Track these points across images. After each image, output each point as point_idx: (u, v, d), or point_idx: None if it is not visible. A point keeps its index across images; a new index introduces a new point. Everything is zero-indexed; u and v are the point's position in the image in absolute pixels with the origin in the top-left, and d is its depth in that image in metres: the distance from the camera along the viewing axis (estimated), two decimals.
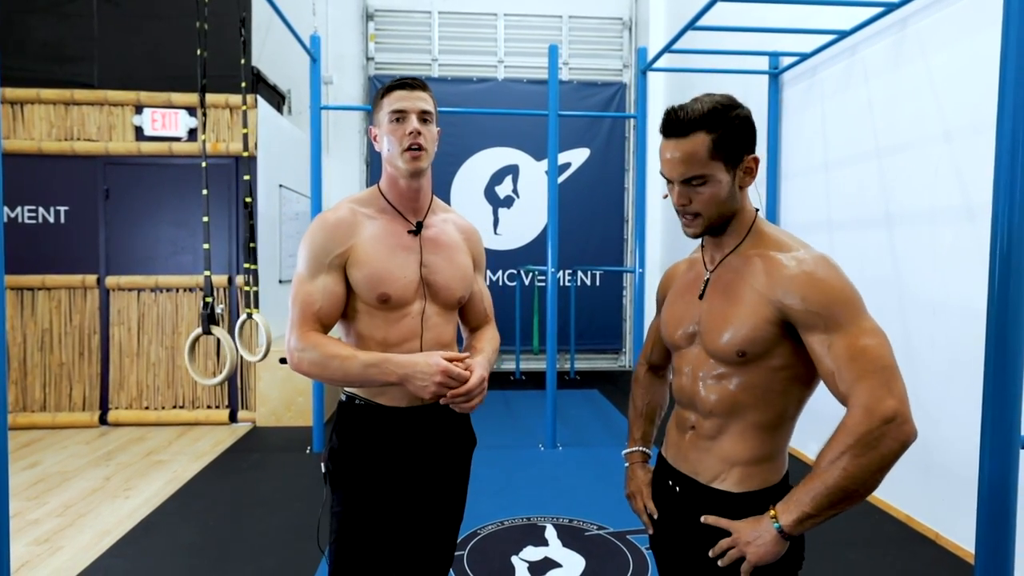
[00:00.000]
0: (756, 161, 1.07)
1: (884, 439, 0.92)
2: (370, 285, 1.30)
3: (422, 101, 1.33)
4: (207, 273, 3.22)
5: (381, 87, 1.35)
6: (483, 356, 1.39)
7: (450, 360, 1.26)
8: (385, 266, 1.31)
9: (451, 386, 1.23)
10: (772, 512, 0.99)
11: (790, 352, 1.04)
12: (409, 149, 1.31)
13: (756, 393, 1.06)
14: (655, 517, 1.24)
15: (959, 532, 2.69)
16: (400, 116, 1.31)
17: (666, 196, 1.13)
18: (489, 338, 1.51)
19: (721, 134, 1.03)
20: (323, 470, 1.38)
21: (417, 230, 1.37)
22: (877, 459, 0.92)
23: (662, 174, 1.09)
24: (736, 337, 1.05)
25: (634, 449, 1.35)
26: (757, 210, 1.13)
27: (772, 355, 1.05)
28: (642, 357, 1.41)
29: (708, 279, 1.14)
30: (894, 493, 3.10)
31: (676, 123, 1.04)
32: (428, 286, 1.37)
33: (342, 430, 1.36)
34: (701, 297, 1.14)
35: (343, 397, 1.39)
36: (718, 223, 1.09)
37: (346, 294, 1.32)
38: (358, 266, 1.30)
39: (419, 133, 1.31)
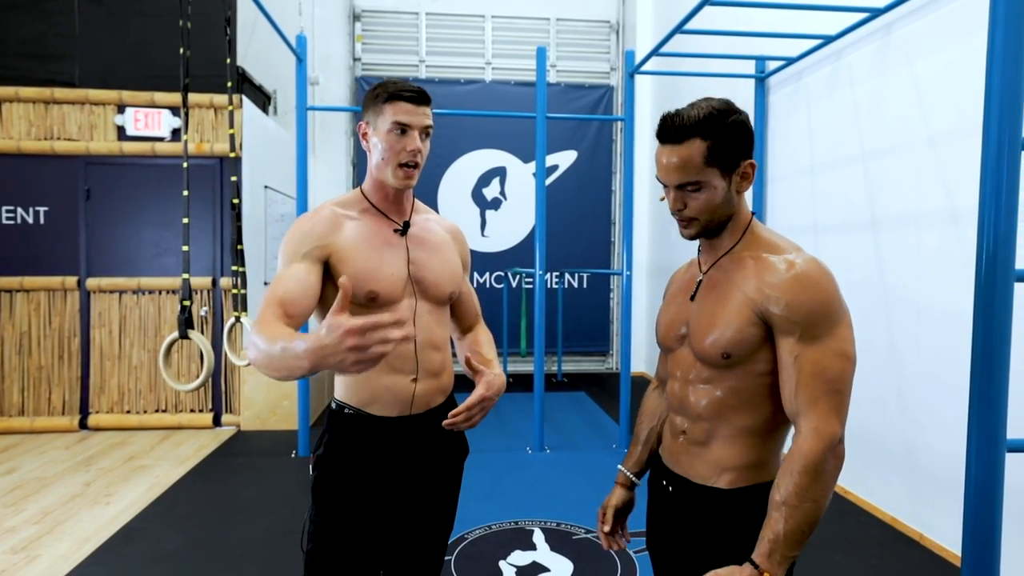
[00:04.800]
0: (753, 167, 1.07)
1: (828, 462, 0.97)
2: (357, 282, 1.25)
3: (427, 117, 1.29)
4: (185, 276, 3.17)
5: (383, 87, 1.28)
6: (495, 363, 1.41)
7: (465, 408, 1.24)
8: (371, 263, 1.28)
9: (368, 344, 0.87)
10: (766, 574, 0.96)
11: (773, 357, 1.05)
12: (404, 166, 1.28)
13: (742, 397, 1.07)
14: (614, 536, 1.32)
15: (943, 533, 2.71)
16: (404, 129, 1.27)
17: (663, 199, 1.13)
18: (489, 342, 1.51)
19: (716, 141, 1.02)
20: (311, 473, 1.36)
21: (404, 230, 1.35)
22: (830, 482, 0.98)
23: (658, 178, 1.09)
24: (722, 339, 1.05)
25: (621, 469, 1.33)
26: (753, 213, 1.13)
27: (756, 359, 1.05)
28: (655, 378, 1.36)
29: (701, 280, 1.14)
30: (879, 495, 3.12)
31: (672, 129, 1.03)
32: (417, 283, 1.33)
33: (331, 439, 1.34)
34: (693, 298, 1.14)
35: (333, 405, 1.36)
36: (714, 227, 1.10)
37: (319, 288, 1.24)
38: (343, 264, 1.26)
39: (419, 151, 1.28)
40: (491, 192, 6.89)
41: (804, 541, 0.97)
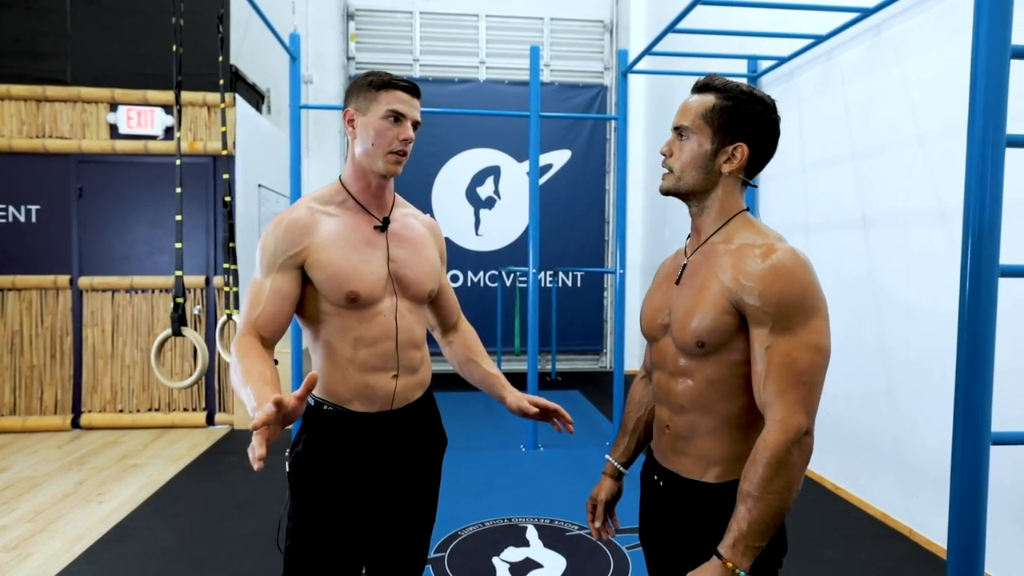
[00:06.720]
0: (743, 153, 1.07)
1: (792, 454, 0.97)
2: (336, 284, 1.25)
3: (418, 111, 1.31)
4: (178, 273, 3.17)
5: (376, 75, 1.29)
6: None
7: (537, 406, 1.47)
8: (350, 263, 1.26)
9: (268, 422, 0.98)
10: (729, 564, 0.97)
11: (749, 346, 1.04)
12: (395, 152, 1.28)
13: (720, 387, 1.07)
14: (601, 527, 1.33)
15: (933, 528, 2.74)
16: (398, 117, 1.27)
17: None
18: (484, 352, 1.60)
19: (726, 107, 1.06)
20: (286, 470, 1.33)
21: (384, 226, 1.33)
22: (795, 474, 0.98)
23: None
24: (698, 328, 1.05)
25: (609, 460, 1.33)
26: (747, 208, 1.13)
27: (731, 348, 1.05)
28: (641, 367, 1.37)
29: (685, 265, 1.15)
30: (870, 491, 3.15)
31: (702, 83, 1.11)
32: (398, 281, 1.33)
33: (310, 435, 1.31)
34: (678, 283, 1.15)
35: (311, 402, 1.33)
36: (684, 191, 1.12)
37: (298, 295, 1.27)
38: (320, 267, 1.25)
39: (410, 141, 1.29)
40: (485, 191, 6.89)
41: (770, 532, 0.98)
